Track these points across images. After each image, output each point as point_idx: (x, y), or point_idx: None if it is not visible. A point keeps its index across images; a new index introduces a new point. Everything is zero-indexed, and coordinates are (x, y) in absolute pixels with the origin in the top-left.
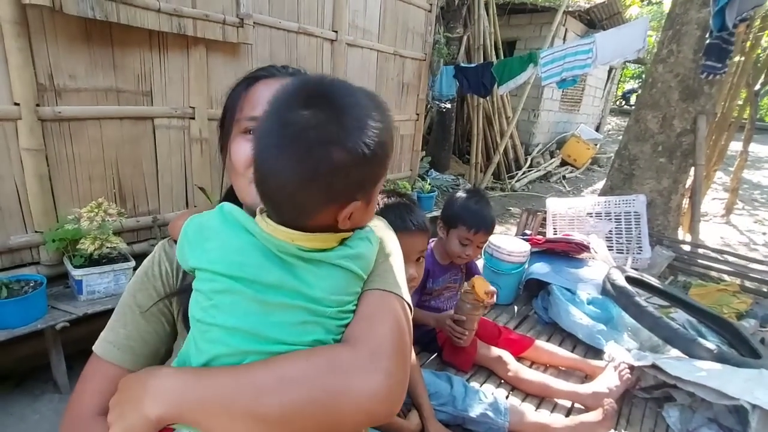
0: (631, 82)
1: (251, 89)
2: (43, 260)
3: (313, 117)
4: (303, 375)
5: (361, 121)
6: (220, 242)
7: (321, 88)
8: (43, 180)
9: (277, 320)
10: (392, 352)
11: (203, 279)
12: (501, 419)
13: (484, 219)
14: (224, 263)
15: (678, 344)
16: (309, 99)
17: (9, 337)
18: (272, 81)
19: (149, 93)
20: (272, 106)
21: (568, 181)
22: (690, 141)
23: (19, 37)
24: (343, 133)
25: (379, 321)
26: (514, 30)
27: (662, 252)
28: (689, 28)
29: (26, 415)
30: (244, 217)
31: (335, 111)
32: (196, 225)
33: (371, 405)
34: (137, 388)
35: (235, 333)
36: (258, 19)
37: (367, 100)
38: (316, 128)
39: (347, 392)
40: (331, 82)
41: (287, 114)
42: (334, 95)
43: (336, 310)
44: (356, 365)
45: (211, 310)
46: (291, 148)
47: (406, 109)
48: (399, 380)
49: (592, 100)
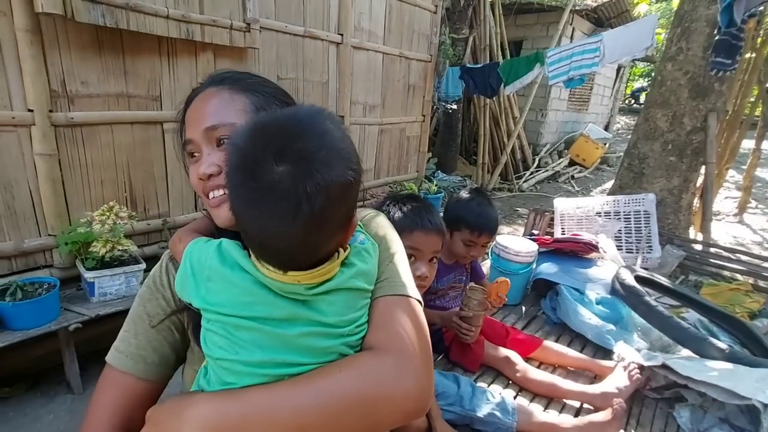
0: (641, 81)
1: (189, 108)
2: (56, 263)
3: (290, 171)
4: (338, 385)
5: (333, 149)
6: (223, 284)
7: (281, 133)
8: (56, 184)
9: (299, 346)
10: (414, 353)
11: (214, 319)
12: (509, 419)
13: (487, 220)
14: (232, 305)
15: (689, 344)
16: (275, 150)
17: (24, 339)
18: (196, 99)
19: (159, 98)
20: (238, 167)
21: (577, 180)
22: (700, 139)
23: (32, 45)
24: (326, 171)
25: (397, 326)
26: (520, 30)
27: (673, 251)
28: (698, 25)
29: (40, 416)
30: (242, 257)
31: (308, 154)
32: (195, 262)
33: (405, 405)
34: (172, 420)
35: (262, 365)
36: (264, 24)
37: (322, 121)
38: (301, 180)
39: (381, 396)
40: (284, 121)
41: (262, 176)
42: (296, 136)
43: (351, 327)
44: (384, 371)
45: (231, 347)
46: (285, 209)
47: (412, 111)
48: (426, 377)
49: (601, 99)
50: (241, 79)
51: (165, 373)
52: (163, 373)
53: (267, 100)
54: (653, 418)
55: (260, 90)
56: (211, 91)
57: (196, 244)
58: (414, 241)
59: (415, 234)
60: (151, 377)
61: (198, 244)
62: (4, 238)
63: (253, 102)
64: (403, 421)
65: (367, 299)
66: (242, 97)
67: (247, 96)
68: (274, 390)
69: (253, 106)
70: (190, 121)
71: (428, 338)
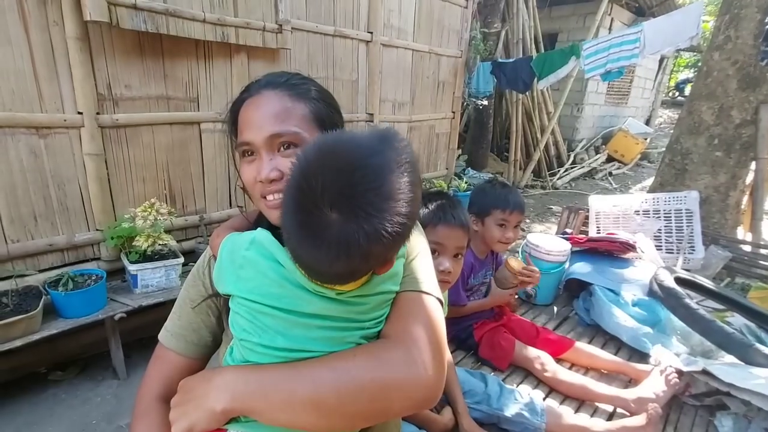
0: (686, 72)
1: (240, 111)
2: (103, 256)
3: (339, 220)
4: (352, 368)
5: (389, 201)
6: (254, 272)
7: (341, 175)
8: (103, 182)
9: (319, 336)
10: (425, 344)
11: (242, 304)
12: (537, 420)
13: (515, 198)
14: (260, 294)
15: (733, 350)
16: (330, 195)
17: (75, 326)
18: (252, 100)
19: (196, 99)
20: (294, 198)
21: (615, 177)
22: (751, 133)
23: (81, 52)
24: (375, 226)
25: (411, 320)
26: (555, 22)
27: (717, 252)
28: (749, 11)
29: (89, 398)
30: (277, 248)
31: (361, 206)
32: (228, 251)
33: (415, 392)
34: (201, 386)
35: (282, 350)
36: (296, 24)
37: (394, 167)
38: (347, 233)
39: (392, 381)
40: (349, 160)
41: (313, 215)
42: (354, 183)
43: (374, 322)
44: (396, 359)
45: (256, 330)
46: (327, 252)
47: (442, 107)
48: (436, 368)
49: (642, 92)
50: (298, 85)
51: (203, 351)
52: (200, 351)
53: (326, 109)
54: (692, 426)
55: (317, 97)
56: (270, 95)
57: (231, 237)
58: (437, 235)
59: (438, 228)
60: (190, 354)
61: (233, 237)
62: (58, 233)
63: (311, 110)
64: (413, 408)
65: (391, 298)
66: (303, 104)
67: (306, 104)
68: (293, 367)
69: (312, 114)
70: (248, 123)
71: (441, 332)
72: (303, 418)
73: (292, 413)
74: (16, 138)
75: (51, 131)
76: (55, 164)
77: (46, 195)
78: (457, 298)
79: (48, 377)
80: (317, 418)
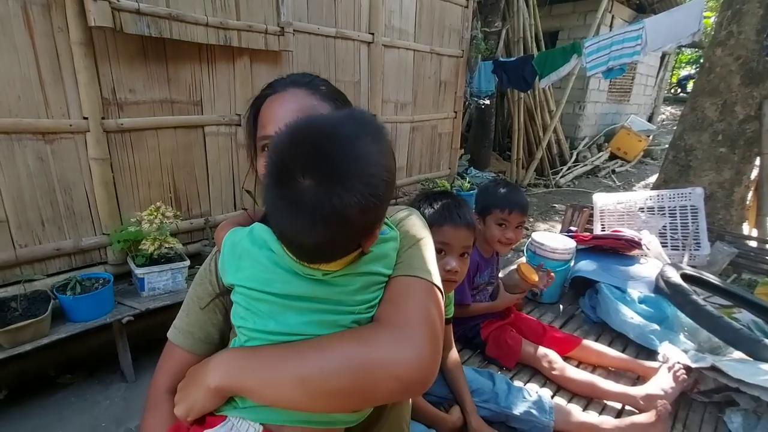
0: (688, 68)
1: (262, 107)
2: (110, 260)
3: (312, 187)
4: (339, 347)
5: (361, 174)
6: (250, 261)
7: (315, 146)
8: (109, 186)
9: (310, 320)
10: (416, 326)
11: (240, 293)
12: (546, 418)
13: (516, 198)
14: (255, 280)
15: (741, 346)
16: (304, 164)
17: (83, 330)
18: (276, 97)
19: (199, 102)
20: (271, 172)
21: (618, 175)
22: (755, 128)
23: (86, 57)
24: (347, 195)
25: (402, 302)
26: (556, 20)
27: (723, 248)
28: (751, 6)
29: (98, 401)
30: (270, 236)
31: (333, 174)
32: (230, 244)
33: (401, 373)
34: (201, 368)
35: (274, 333)
36: (297, 27)
37: (360, 139)
38: (320, 200)
39: (378, 361)
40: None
41: (288, 185)
42: (328, 153)
43: (363, 307)
44: (383, 339)
45: (251, 317)
46: (302, 222)
47: (444, 107)
48: (427, 351)
49: (644, 89)
50: (321, 86)
51: (209, 349)
52: (207, 348)
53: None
54: (701, 423)
55: (339, 99)
56: (297, 93)
57: (234, 230)
58: (444, 235)
59: (444, 228)
60: (197, 351)
61: (235, 230)
62: (65, 237)
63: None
64: (404, 391)
65: (382, 283)
66: (327, 106)
67: (329, 105)
68: (283, 347)
69: None
70: (273, 117)
71: (434, 315)
72: (288, 395)
73: (279, 390)
74: (22, 144)
75: (57, 136)
76: (62, 169)
77: (53, 200)
78: (462, 296)
79: (57, 381)
80: (301, 395)
